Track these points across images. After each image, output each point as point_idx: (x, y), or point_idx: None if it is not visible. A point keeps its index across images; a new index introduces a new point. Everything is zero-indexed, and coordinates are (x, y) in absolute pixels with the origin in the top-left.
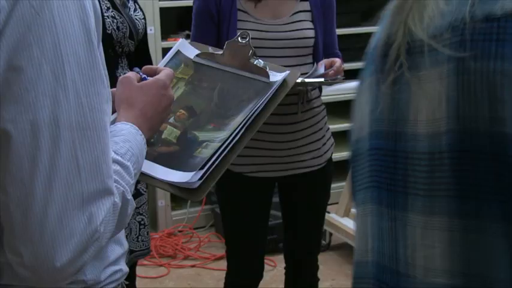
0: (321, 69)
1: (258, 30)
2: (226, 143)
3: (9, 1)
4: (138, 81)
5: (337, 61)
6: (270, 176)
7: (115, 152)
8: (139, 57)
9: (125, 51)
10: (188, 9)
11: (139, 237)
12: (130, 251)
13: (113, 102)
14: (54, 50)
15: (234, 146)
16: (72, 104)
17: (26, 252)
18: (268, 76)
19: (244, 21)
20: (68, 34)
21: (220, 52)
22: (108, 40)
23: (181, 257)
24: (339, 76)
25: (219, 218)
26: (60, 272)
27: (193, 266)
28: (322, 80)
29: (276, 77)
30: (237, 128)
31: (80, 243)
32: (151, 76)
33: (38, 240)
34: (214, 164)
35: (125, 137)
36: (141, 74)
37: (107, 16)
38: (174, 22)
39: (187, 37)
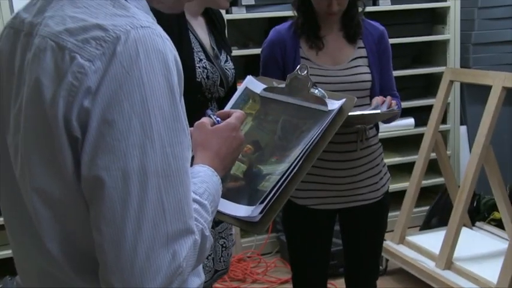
0: (376, 105)
1: (319, 76)
2: (285, 175)
3: (104, 62)
4: (212, 125)
5: (388, 98)
6: (332, 208)
7: (194, 192)
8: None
9: (214, 96)
10: (254, 57)
11: (222, 258)
12: (215, 271)
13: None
14: (142, 105)
15: (294, 177)
16: (158, 153)
17: (119, 285)
18: (326, 104)
19: None
20: (154, 90)
21: (283, 85)
22: (197, 87)
23: (250, 280)
24: (394, 108)
25: (284, 245)
26: None
27: None
28: (378, 111)
29: (334, 105)
30: (295, 160)
31: (166, 277)
32: (224, 119)
33: (128, 275)
34: (274, 197)
35: (202, 178)
36: (214, 117)
37: (198, 66)
38: (242, 68)
39: None
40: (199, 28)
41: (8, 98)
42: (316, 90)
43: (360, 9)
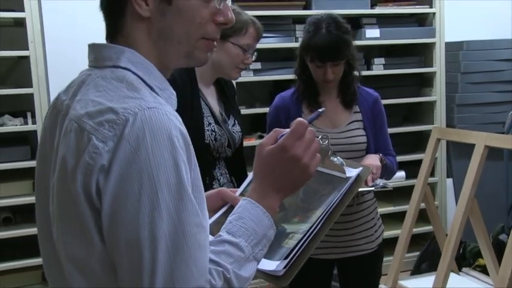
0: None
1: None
2: (308, 234)
3: (115, 143)
4: (274, 143)
5: (375, 168)
6: (331, 258)
7: (227, 232)
8: (236, 161)
9: (222, 156)
10: (260, 115)
11: None
12: None
13: (208, 201)
14: (150, 180)
15: (315, 236)
16: (165, 222)
17: None
18: (344, 172)
19: None
20: (160, 166)
21: None
22: (206, 148)
23: None
24: (388, 185)
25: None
26: None
27: None
28: (372, 188)
29: (352, 172)
30: (316, 221)
31: None
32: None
33: None
34: (297, 254)
35: (238, 215)
36: (282, 134)
37: (207, 129)
38: (249, 124)
39: (258, 138)
40: (210, 96)
41: (49, 170)
42: (336, 159)
43: (356, 75)
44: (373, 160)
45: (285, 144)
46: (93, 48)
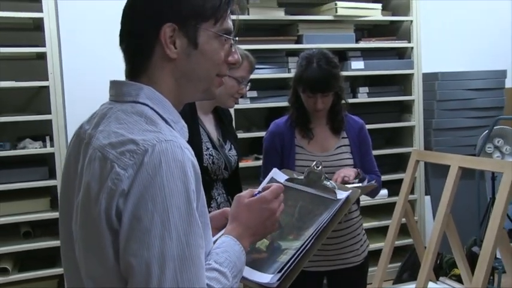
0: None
1: (310, 160)
2: (300, 250)
3: (134, 170)
4: (250, 197)
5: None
6: (320, 270)
7: (215, 262)
8: (232, 182)
9: (219, 178)
10: (255, 139)
11: None
12: None
13: (213, 220)
14: (163, 204)
15: (307, 252)
16: (174, 242)
17: None
18: (335, 194)
19: (300, 153)
20: (172, 193)
21: (302, 177)
22: (204, 170)
23: None
24: (373, 182)
25: None
26: None
27: None
28: (359, 185)
29: (342, 195)
30: (308, 238)
31: None
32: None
33: None
34: (290, 268)
35: (224, 248)
36: (256, 192)
37: (206, 154)
38: (247, 147)
39: (255, 159)
40: (209, 123)
41: (73, 193)
42: (328, 182)
43: (343, 103)
44: (348, 170)
45: (267, 197)
46: (114, 84)
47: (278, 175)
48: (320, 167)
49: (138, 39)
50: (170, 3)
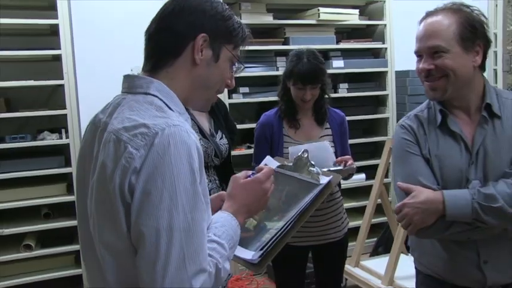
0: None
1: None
2: (281, 230)
3: (146, 150)
4: (245, 178)
5: (346, 157)
6: (305, 245)
7: (214, 234)
8: (224, 168)
9: (210, 165)
10: (248, 130)
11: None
12: None
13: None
14: (171, 181)
15: (287, 232)
16: (180, 216)
17: None
18: (319, 180)
19: (288, 142)
20: (179, 171)
21: (291, 164)
22: None
23: None
24: (352, 166)
25: (271, 268)
26: None
27: None
28: (340, 168)
29: (324, 180)
30: (290, 219)
31: None
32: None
33: None
34: (271, 246)
35: (222, 223)
36: (251, 173)
37: None
38: (240, 137)
39: (247, 148)
40: (199, 115)
41: (89, 174)
42: (314, 169)
43: (326, 98)
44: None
45: (261, 178)
46: (127, 78)
47: (270, 162)
48: (306, 155)
49: (175, 36)
50: (212, 19)
